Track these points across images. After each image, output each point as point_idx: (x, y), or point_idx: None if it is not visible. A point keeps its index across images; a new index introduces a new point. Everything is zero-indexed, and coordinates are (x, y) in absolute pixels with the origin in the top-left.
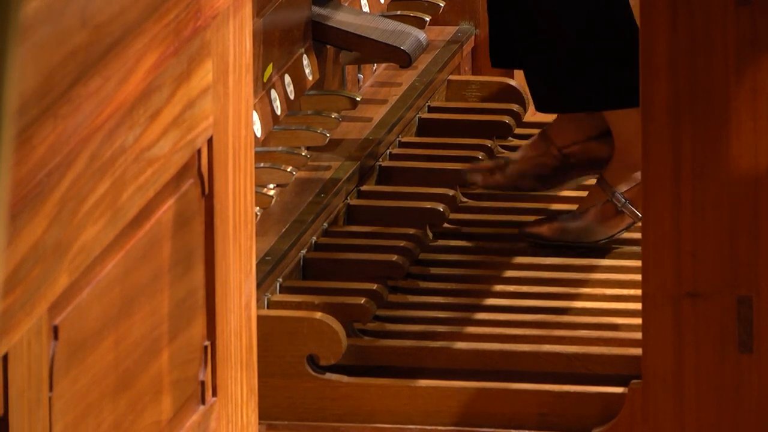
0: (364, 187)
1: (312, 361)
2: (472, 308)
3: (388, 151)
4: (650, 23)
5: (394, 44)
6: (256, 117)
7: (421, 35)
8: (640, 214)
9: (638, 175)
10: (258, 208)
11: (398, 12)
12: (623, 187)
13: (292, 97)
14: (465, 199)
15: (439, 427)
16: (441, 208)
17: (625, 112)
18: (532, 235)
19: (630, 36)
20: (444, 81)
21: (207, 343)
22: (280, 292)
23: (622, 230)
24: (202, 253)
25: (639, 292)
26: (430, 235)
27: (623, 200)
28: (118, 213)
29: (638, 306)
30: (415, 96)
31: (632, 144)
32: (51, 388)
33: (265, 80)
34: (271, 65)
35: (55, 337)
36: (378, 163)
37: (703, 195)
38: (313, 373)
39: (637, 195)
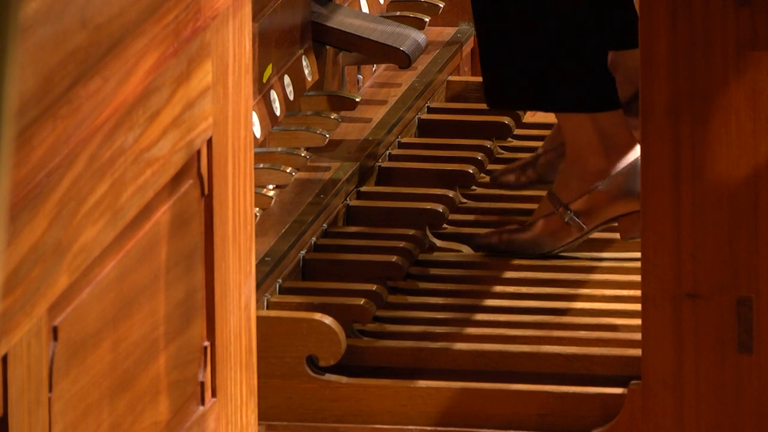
0: (364, 188)
1: (311, 361)
2: (471, 309)
3: (387, 152)
4: (650, 23)
5: (394, 45)
6: (255, 118)
7: (421, 36)
8: (585, 227)
9: (589, 185)
10: (257, 208)
11: (397, 13)
12: (571, 199)
13: (291, 97)
14: (464, 200)
15: (439, 428)
16: (441, 209)
17: (578, 119)
18: (482, 246)
19: (594, 40)
20: (443, 82)
21: (206, 343)
22: (279, 293)
23: (572, 242)
24: (202, 253)
25: (638, 292)
26: (430, 235)
27: (569, 212)
28: (118, 214)
29: (638, 307)
30: (415, 97)
31: (582, 154)
32: (50, 389)
33: (264, 81)
34: (270, 66)
35: (55, 337)
36: (378, 164)
37: (703, 195)
38: (313, 374)
39: (584, 207)
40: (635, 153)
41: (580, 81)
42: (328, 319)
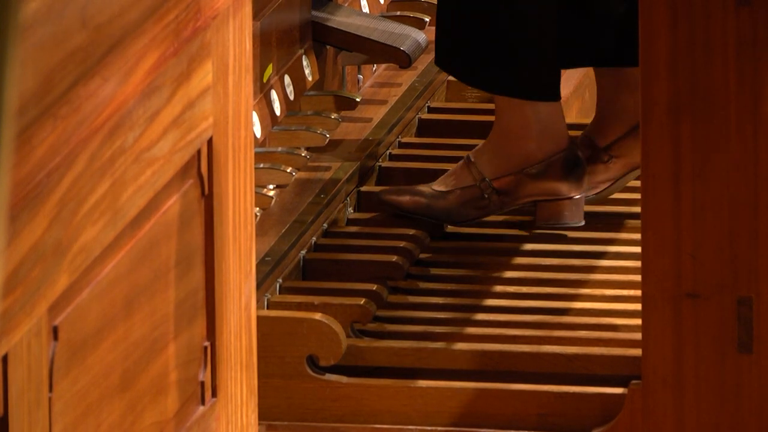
0: (364, 188)
1: (312, 361)
2: (471, 309)
3: (388, 152)
4: (650, 23)
5: (394, 45)
6: (255, 118)
7: (421, 36)
8: (502, 206)
9: (515, 167)
10: (258, 208)
11: (398, 13)
12: (494, 175)
13: (291, 97)
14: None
15: (439, 428)
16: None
17: (517, 102)
18: (388, 202)
19: (550, 34)
20: (444, 81)
21: (207, 343)
22: (279, 293)
23: (480, 217)
24: (202, 253)
25: (639, 292)
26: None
27: (491, 189)
28: (118, 213)
29: (638, 307)
30: (415, 96)
31: (513, 135)
32: (51, 389)
33: (264, 81)
34: (270, 66)
35: (55, 337)
36: (378, 164)
37: (703, 195)
38: (313, 374)
39: (507, 186)
40: (564, 144)
41: (527, 68)
42: (328, 319)
